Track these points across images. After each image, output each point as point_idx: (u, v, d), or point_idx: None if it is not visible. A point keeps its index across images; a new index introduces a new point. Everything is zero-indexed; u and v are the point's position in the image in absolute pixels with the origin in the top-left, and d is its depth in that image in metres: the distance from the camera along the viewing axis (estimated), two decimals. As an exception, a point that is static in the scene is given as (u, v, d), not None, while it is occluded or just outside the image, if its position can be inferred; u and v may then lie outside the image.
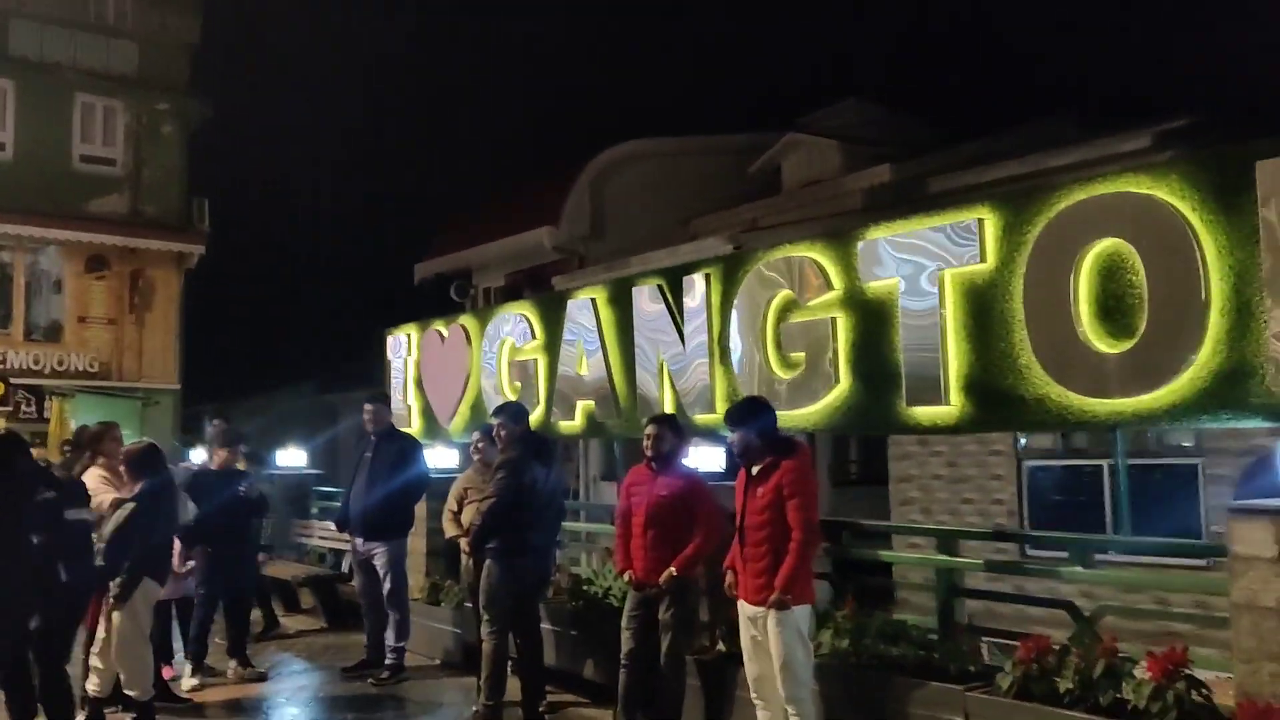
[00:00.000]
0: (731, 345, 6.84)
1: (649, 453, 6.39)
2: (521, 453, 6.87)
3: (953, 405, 5.61)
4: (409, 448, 8.63)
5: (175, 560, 7.61)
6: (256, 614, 10.09)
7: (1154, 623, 7.32)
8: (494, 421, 7.29)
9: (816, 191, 17.65)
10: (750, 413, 5.73)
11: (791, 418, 6.44)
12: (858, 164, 17.58)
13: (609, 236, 19.54)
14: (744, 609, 5.62)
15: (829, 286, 6.23)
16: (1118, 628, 5.44)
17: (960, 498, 15.02)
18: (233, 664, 8.52)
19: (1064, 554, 8.59)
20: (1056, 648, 5.02)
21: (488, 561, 6.90)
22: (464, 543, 7.39)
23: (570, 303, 8.26)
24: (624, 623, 6.38)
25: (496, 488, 6.79)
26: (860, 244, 6.08)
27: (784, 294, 6.51)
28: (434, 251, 22.32)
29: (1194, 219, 4.68)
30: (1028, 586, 7.62)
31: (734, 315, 6.83)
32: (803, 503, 5.42)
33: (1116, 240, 4.94)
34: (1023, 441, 14.09)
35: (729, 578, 5.74)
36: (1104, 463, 13.95)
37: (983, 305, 5.51)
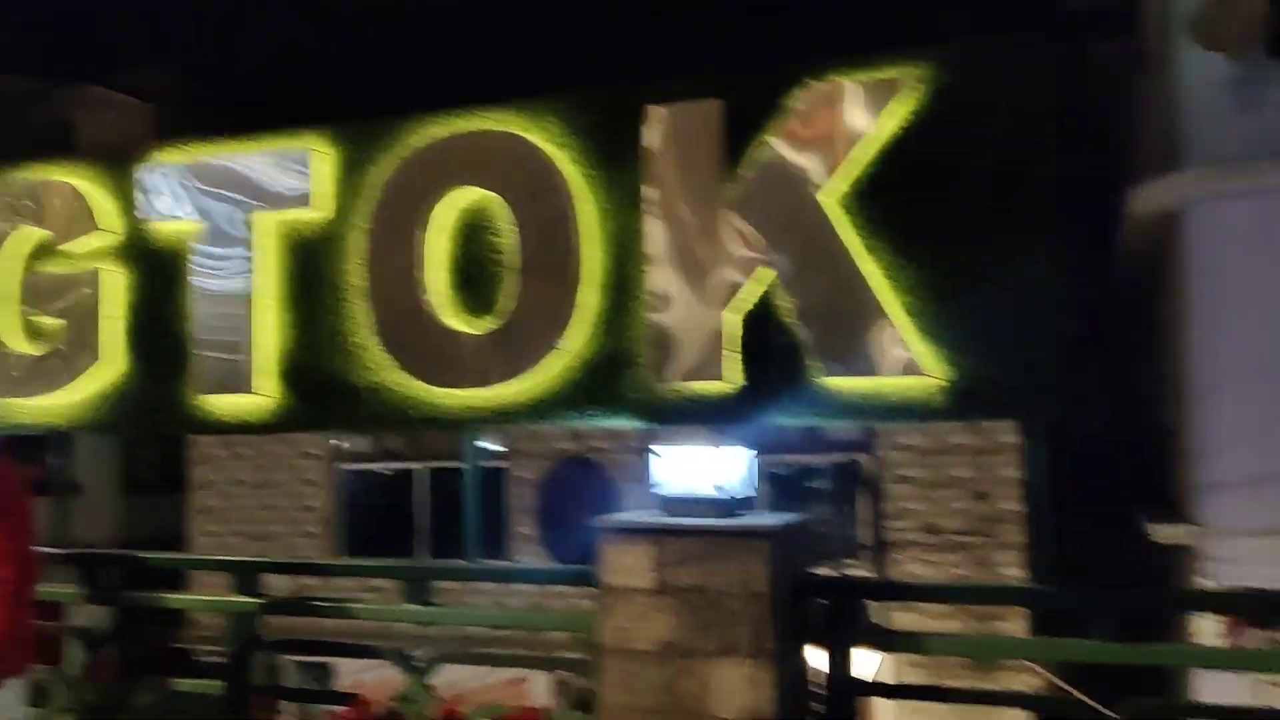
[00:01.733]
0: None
1: None
2: None
3: (263, 395, 4.25)
4: None
5: None
6: None
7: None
8: None
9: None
10: None
11: (35, 410, 4.59)
12: (170, 133, 15.55)
13: None
14: None
15: (96, 226, 4.50)
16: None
17: (264, 505, 13.88)
18: None
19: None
20: (385, 711, 3.88)
21: None
22: None
23: None
24: None
25: None
26: (143, 171, 4.46)
27: (33, 232, 4.62)
28: None
29: (574, 172, 3.84)
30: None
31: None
32: (10, 526, 3.75)
33: (483, 192, 3.96)
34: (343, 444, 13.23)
35: None
36: (418, 466, 13.45)
37: (311, 265, 4.24)
